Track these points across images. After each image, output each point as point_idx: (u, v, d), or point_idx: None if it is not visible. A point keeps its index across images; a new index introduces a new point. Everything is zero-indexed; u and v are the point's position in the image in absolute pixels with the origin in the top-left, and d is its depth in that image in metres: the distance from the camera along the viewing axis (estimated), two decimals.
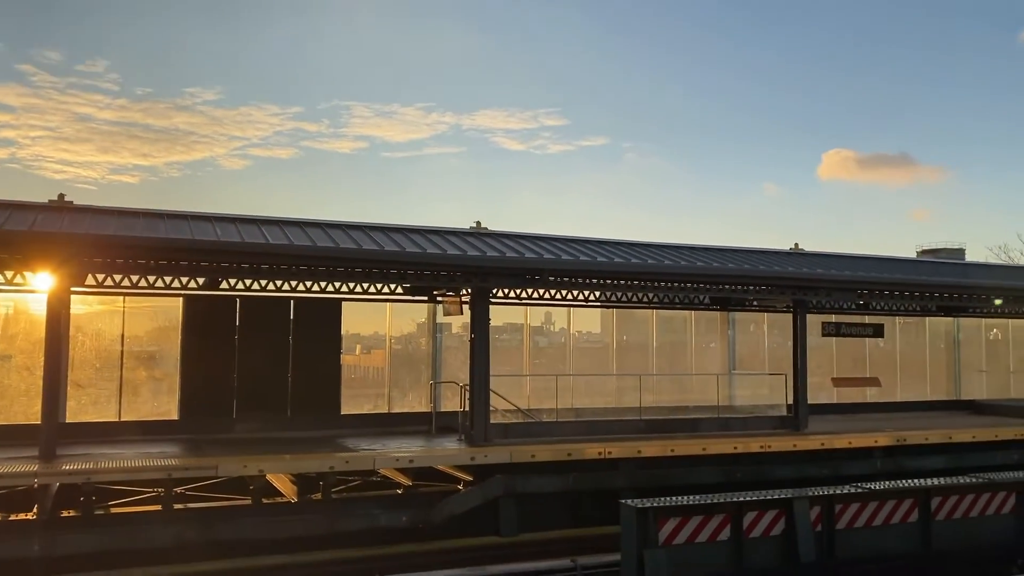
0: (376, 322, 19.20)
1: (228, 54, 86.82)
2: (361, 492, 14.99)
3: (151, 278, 14.45)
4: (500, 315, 18.75)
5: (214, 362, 16.05)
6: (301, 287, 16.01)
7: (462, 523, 14.06)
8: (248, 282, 15.12)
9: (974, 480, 12.38)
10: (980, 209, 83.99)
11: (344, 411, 17.17)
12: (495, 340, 18.04)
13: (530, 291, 17.36)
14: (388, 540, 13.42)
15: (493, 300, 16.06)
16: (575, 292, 17.58)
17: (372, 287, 16.26)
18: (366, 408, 18.21)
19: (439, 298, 17.02)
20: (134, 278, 14.33)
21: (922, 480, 12.28)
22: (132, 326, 16.70)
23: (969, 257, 37.22)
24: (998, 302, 20.25)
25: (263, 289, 15.61)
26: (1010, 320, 24.25)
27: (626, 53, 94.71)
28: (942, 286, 19.17)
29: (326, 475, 13.71)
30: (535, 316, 20.62)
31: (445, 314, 16.80)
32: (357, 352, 19.90)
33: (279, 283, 15.41)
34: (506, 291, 16.91)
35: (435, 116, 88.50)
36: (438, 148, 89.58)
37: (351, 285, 15.69)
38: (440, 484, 15.19)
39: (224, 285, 15.51)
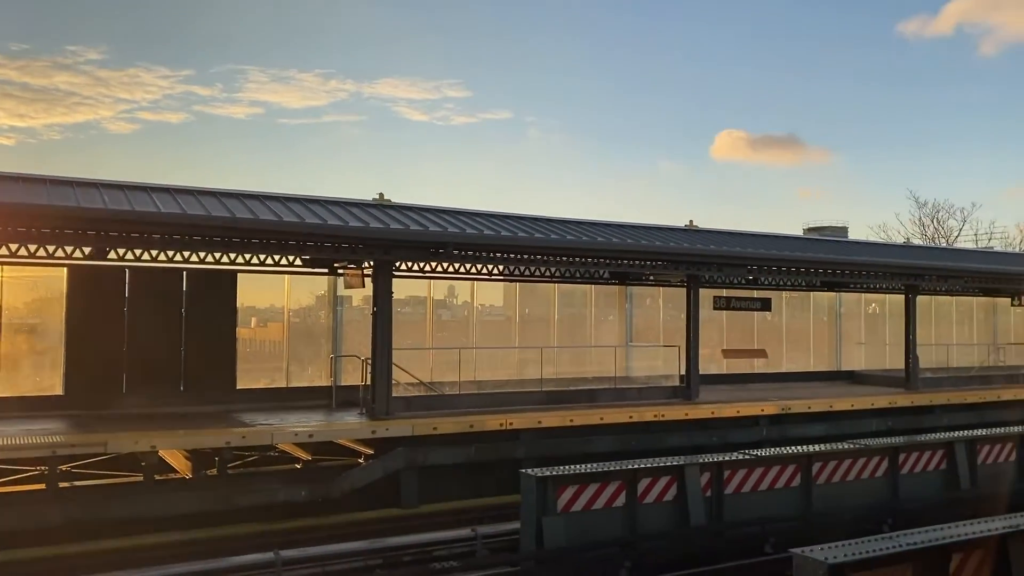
0: (274, 294, 18.79)
1: (114, 11, 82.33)
2: (259, 467, 14.77)
3: (32, 247, 13.70)
4: (403, 288, 18.67)
5: (101, 335, 15.40)
6: (195, 258, 15.50)
7: (363, 496, 14.05)
8: (138, 252, 14.52)
9: (851, 446, 13.19)
10: (862, 189, 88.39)
11: (240, 385, 16.80)
12: (397, 313, 17.98)
13: (434, 264, 17.33)
14: (288, 515, 13.28)
15: (396, 273, 15.97)
16: (479, 266, 17.66)
17: (270, 258, 15.88)
18: (263, 382, 17.87)
19: (340, 271, 16.78)
20: (13, 247, 13.56)
21: (804, 447, 12.99)
22: (11, 297, 15.84)
23: (851, 235, 39.20)
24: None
25: (154, 260, 15.02)
26: (887, 295, 25.75)
27: (529, 27, 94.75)
28: (825, 263, 20.15)
29: (222, 451, 13.43)
30: (438, 289, 20.64)
31: (346, 287, 16.58)
32: (253, 325, 19.44)
33: (171, 253, 14.86)
34: (409, 264, 16.84)
35: (335, 83, 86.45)
36: (338, 116, 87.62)
37: (247, 256, 15.28)
38: (341, 458, 15.12)
39: (112, 255, 14.85)
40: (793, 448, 12.83)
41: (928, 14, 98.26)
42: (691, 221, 21.43)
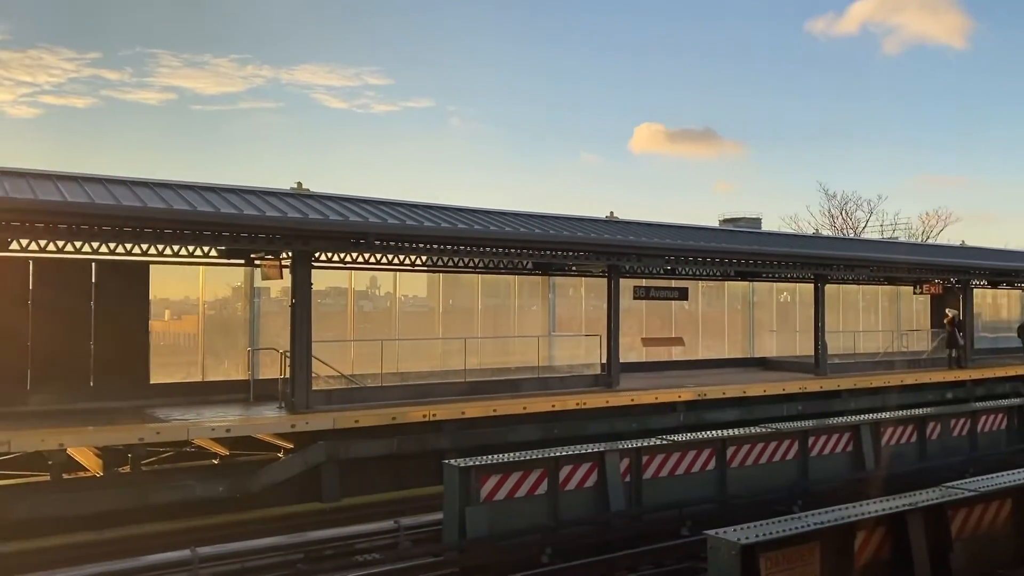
0: (188, 286, 18.28)
1: None
2: (175, 464, 14.40)
3: None
4: (323, 279, 18.40)
5: (2, 329, 14.71)
6: (104, 248, 14.94)
7: (283, 491, 13.85)
8: (43, 243, 13.91)
9: (763, 430, 13.65)
10: (775, 181, 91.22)
11: (154, 380, 16.31)
12: (317, 305, 17.74)
13: (355, 255, 17.14)
14: (205, 512, 13.00)
15: (315, 264, 15.74)
16: (401, 256, 17.55)
17: (184, 249, 15.43)
18: (178, 376, 17.37)
19: (257, 262, 16.44)
20: None
21: (719, 431, 13.39)
22: None
23: (765, 226, 40.37)
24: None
25: (60, 251, 14.42)
26: (798, 284, 26.67)
27: (450, 15, 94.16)
28: (739, 253, 20.76)
29: (135, 447, 13.03)
30: (360, 280, 20.40)
31: (264, 278, 16.25)
32: (167, 318, 18.86)
33: (79, 244, 14.29)
34: (329, 255, 16.61)
35: (251, 69, 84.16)
36: (254, 103, 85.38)
37: (160, 247, 14.82)
38: (260, 453, 14.85)
39: (15, 246, 14.19)
40: (708, 433, 13.21)
41: (835, 13, 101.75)
42: (612, 212, 21.75)
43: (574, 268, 21.13)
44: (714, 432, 13.28)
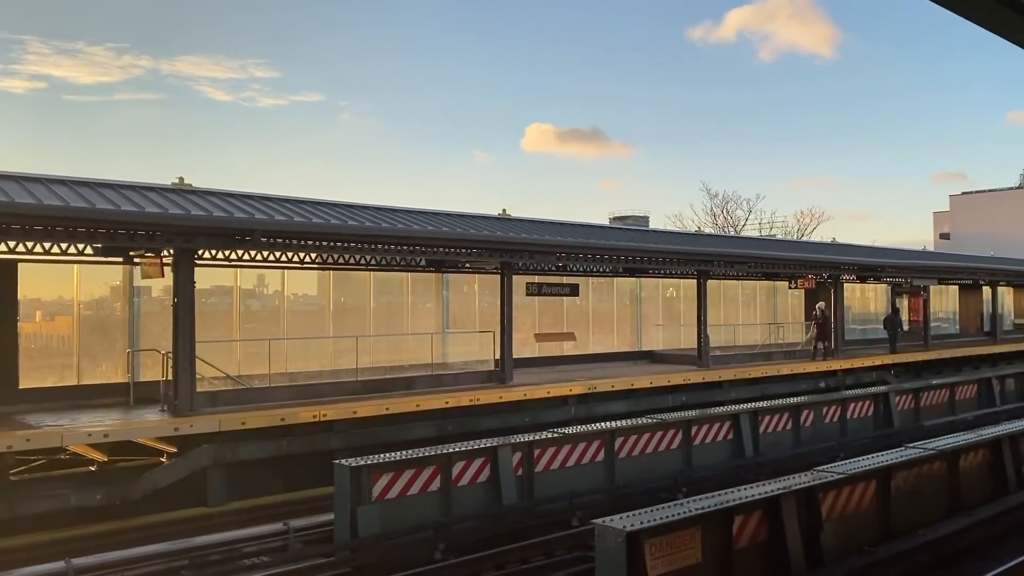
0: (62, 286, 17.31)
1: None
2: (48, 472, 13.67)
3: None
4: (207, 277, 17.80)
5: None
6: None
7: (167, 497, 13.34)
8: None
9: (649, 421, 14.13)
10: (660, 182, 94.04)
11: (24, 384, 15.39)
12: (202, 304, 17.17)
13: (240, 252, 16.66)
14: (82, 521, 12.39)
15: (199, 262, 15.23)
16: (289, 254, 17.17)
17: (56, 247, 14.62)
18: (51, 380, 16.45)
19: (136, 260, 15.75)
20: None
21: (608, 423, 13.77)
22: None
23: (652, 224, 41.55)
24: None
25: None
26: (682, 280, 27.59)
27: (340, 8, 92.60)
28: (628, 250, 21.31)
29: (2, 456, 12.28)
30: (247, 278, 19.83)
31: (144, 277, 15.56)
32: (38, 319, 17.83)
33: None
34: (213, 252, 16.08)
35: (128, 58, 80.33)
36: (132, 94, 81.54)
37: (29, 244, 14.00)
38: (142, 458, 14.27)
39: None
40: (598, 425, 13.57)
41: (712, 21, 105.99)
42: (504, 210, 21.95)
43: (468, 265, 21.20)
44: (603, 424, 13.65)
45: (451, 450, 11.17)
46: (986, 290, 38.21)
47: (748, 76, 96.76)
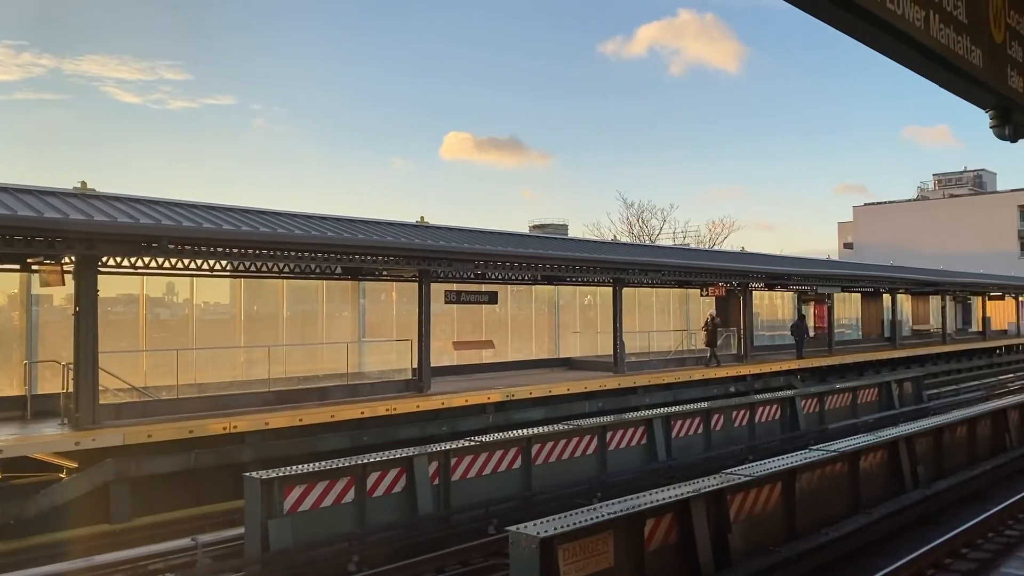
0: None
1: None
2: None
3: None
4: (112, 286, 17.15)
5: None
6: None
7: (67, 514, 12.75)
8: None
9: (565, 427, 14.26)
10: (579, 190, 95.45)
11: None
12: (107, 313, 16.54)
13: (147, 260, 16.11)
14: None
15: (103, 269, 14.66)
16: (199, 261, 16.70)
17: None
18: None
19: (35, 267, 15.05)
20: None
21: (524, 430, 13.83)
22: None
23: (570, 233, 41.98)
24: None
25: None
26: (599, 288, 28.00)
27: (253, 11, 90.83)
28: (546, 258, 21.50)
29: None
30: (154, 286, 19.19)
31: (43, 285, 14.87)
32: None
33: None
34: (119, 260, 15.50)
35: (28, 56, 77.01)
36: (34, 94, 78.13)
37: None
38: (40, 474, 13.61)
39: None
40: (515, 432, 13.61)
41: (624, 36, 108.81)
42: (422, 217, 21.84)
43: (385, 273, 21.02)
44: (520, 431, 13.71)
45: (366, 460, 11.04)
46: (886, 298, 40.03)
47: (660, 89, 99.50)
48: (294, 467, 10.57)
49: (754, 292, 30.65)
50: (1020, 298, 52.31)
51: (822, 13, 3.37)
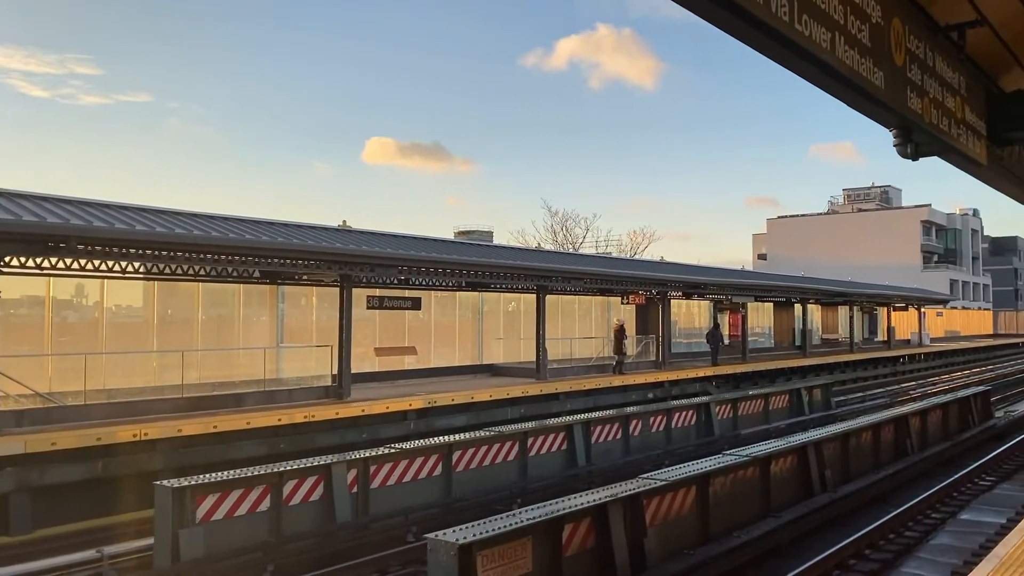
0: None
1: None
2: None
3: None
4: (16, 287, 16.40)
5: None
6: None
7: None
8: None
9: (487, 433, 14.28)
10: (503, 197, 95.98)
11: None
12: (8, 316, 15.82)
13: (54, 260, 15.45)
14: None
15: (5, 270, 14.01)
16: (110, 263, 16.11)
17: None
18: None
19: None
20: None
21: (445, 437, 13.80)
22: None
23: (496, 240, 42.11)
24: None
25: None
26: (522, 295, 28.16)
27: (170, 6, 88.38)
28: (470, 264, 21.53)
29: None
30: (62, 288, 18.40)
31: None
32: None
33: None
34: (23, 260, 14.83)
35: None
36: None
37: None
38: None
39: None
40: (435, 439, 13.57)
41: (544, 50, 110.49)
42: (344, 221, 21.61)
43: (305, 277, 20.69)
44: (441, 438, 13.67)
45: (282, 468, 10.83)
46: (797, 307, 41.43)
47: (581, 102, 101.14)
48: (208, 475, 10.30)
49: (672, 300, 31.32)
50: (922, 309, 54.88)
51: (735, 31, 3.51)
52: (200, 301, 20.38)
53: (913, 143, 5.88)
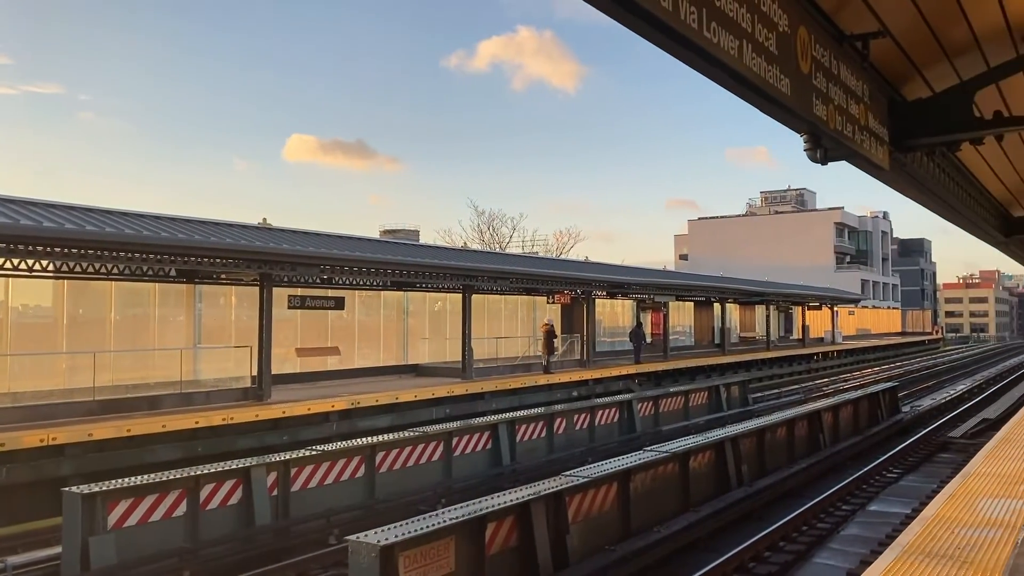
0: None
1: None
2: None
3: None
4: None
5: None
6: None
7: None
8: None
9: (411, 434, 14.20)
10: (430, 196, 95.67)
11: None
12: None
13: None
14: None
15: None
16: (16, 260, 15.41)
17: None
18: None
19: None
20: None
21: (368, 438, 13.67)
22: None
23: (422, 239, 41.88)
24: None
25: None
26: (449, 294, 28.10)
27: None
28: (394, 264, 21.34)
29: None
30: None
31: None
32: None
33: None
34: None
35: None
36: None
37: None
38: None
39: None
40: (358, 440, 13.42)
41: (466, 51, 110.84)
42: (264, 219, 21.17)
43: (224, 276, 20.19)
44: (363, 439, 13.53)
45: (199, 472, 10.55)
46: (717, 307, 42.48)
47: (504, 103, 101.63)
48: (120, 480, 9.96)
49: (597, 300, 31.72)
50: (835, 308, 56.95)
51: (648, 36, 3.58)
52: (114, 300, 19.68)
53: (822, 148, 6.10)
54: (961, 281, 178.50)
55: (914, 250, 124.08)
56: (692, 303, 42.07)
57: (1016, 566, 6.50)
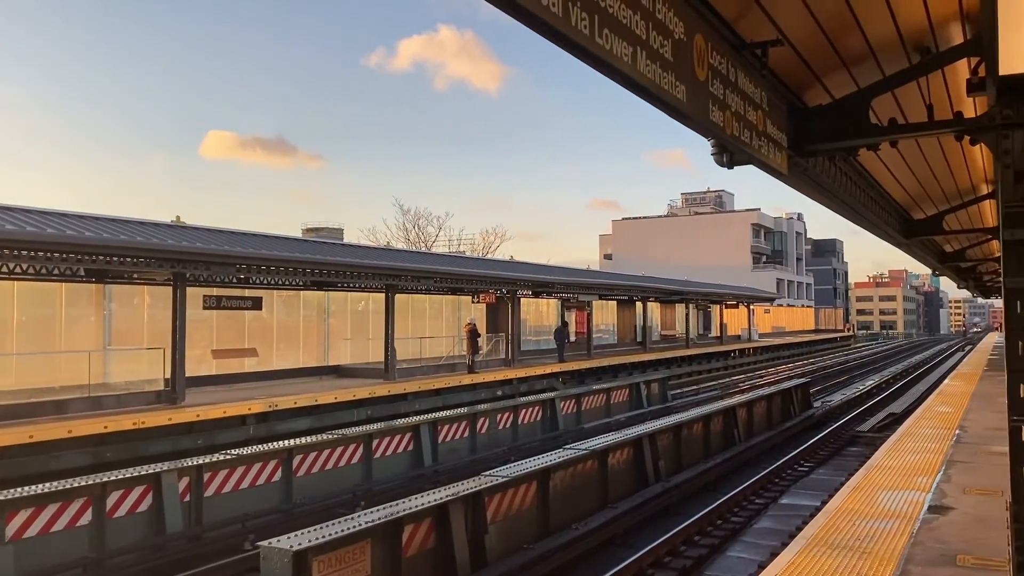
0: None
1: None
2: None
3: None
4: None
5: None
6: None
7: None
8: None
9: (329, 436, 14.01)
10: (353, 195, 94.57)
11: None
12: None
13: None
14: None
15: None
16: None
17: None
18: None
19: None
20: None
21: (285, 441, 13.41)
22: None
23: (346, 237, 41.35)
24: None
25: None
26: (371, 294, 27.79)
27: None
28: (314, 263, 21.00)
29: None
30: None
31: None
32: None
33: None
34: None
35: None
36: None
37: None
38: None
39: None
40: (274, 444, 13.16)
41: (386, 50, 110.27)
42: (178, 217, 20.57)
43: (136, 276, 19.53)
44: (280, 442, 13.28)
45: (105, 479, 10.19)
46: (639, 305, 43.22)
47: (427, 102, 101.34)
48: (19, 489, 9.54)
49: (522, 299, 31.87)
50: (752, 307, 58.57)
51: (548, 39, 3.61)
52: (16, 301, 18.81)
53: (728, 152, 6.27)
54: (871, 280, 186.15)
55: (827, 250, 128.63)
56: (615, 302, 42.68)
57: (911, 555, 6.81)
